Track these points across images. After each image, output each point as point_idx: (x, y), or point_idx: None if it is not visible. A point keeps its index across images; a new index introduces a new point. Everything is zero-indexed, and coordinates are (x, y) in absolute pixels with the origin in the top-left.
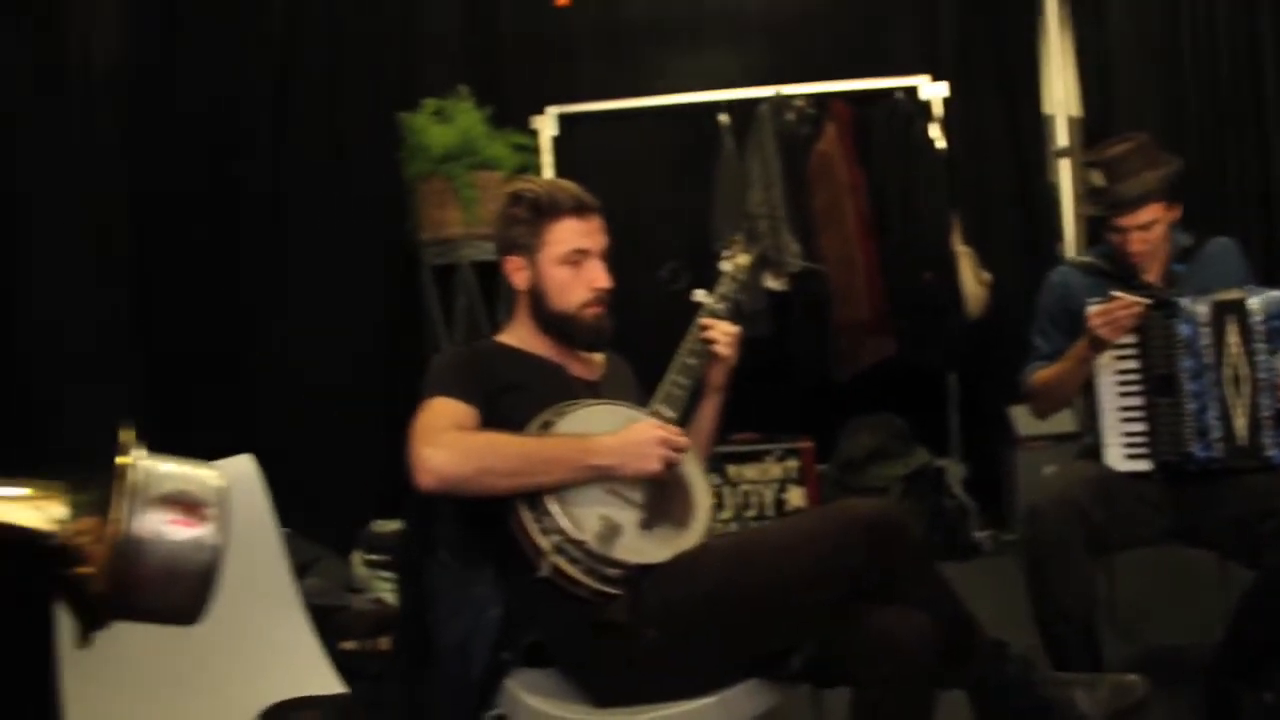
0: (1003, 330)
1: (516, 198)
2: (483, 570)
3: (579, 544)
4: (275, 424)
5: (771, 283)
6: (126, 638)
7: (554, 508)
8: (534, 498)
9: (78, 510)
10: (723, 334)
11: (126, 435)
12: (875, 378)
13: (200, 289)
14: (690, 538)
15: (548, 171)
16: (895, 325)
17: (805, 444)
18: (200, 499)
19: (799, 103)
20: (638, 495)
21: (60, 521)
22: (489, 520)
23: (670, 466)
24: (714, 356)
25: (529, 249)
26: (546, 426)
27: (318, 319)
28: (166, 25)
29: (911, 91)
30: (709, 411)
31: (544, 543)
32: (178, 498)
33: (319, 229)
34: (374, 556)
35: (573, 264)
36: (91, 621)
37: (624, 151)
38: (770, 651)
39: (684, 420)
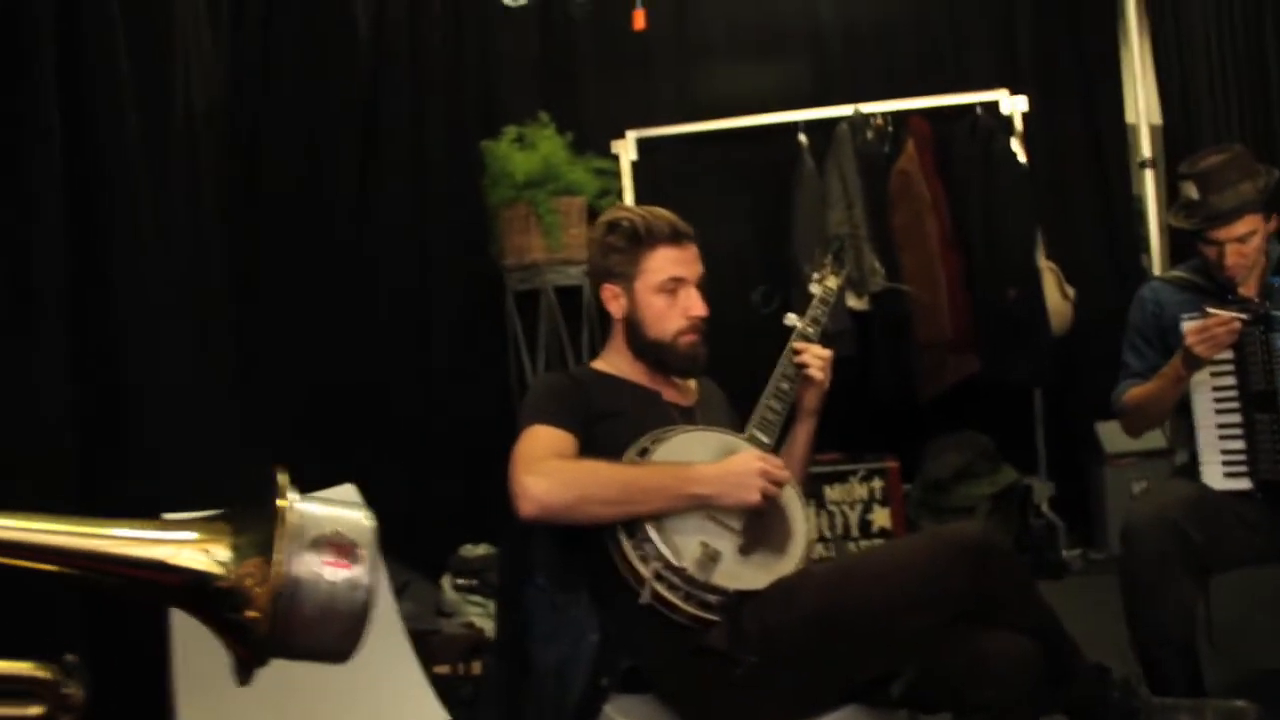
0: (1088, 346)
1: (613, 226)
2: (579, 595)
3: (679, 571)
4: (365, 450)
5: (853, 302)
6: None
7: (654, 535)
8: (633, 525)
9: (239, 553)
10: (815, 357)
11: (282, 478)
12: (960, 396)
13: (293, 319)
14: (789, 564)
15: (628, 196)
16: (979, 343)
17: (890, 464)
18: (353, 540)
19: (878, 121)
20: (736, 522)
21: (225, 564)
22: (586, 545)
23: (769, 498)
24: (807, 380)
25: (625, 277)
26: (644, 453)
27: (405, 346)
28: (260, 59)
29: (991, 106)
30: (803, 435)
31: (644, 569)
32: (332, 539)
33: (405, 256)
34: (463, 580)
35: (669, 292)
36: (252, 661)
37: (703, 173)
38: (870, 677)
39: (778, 444)
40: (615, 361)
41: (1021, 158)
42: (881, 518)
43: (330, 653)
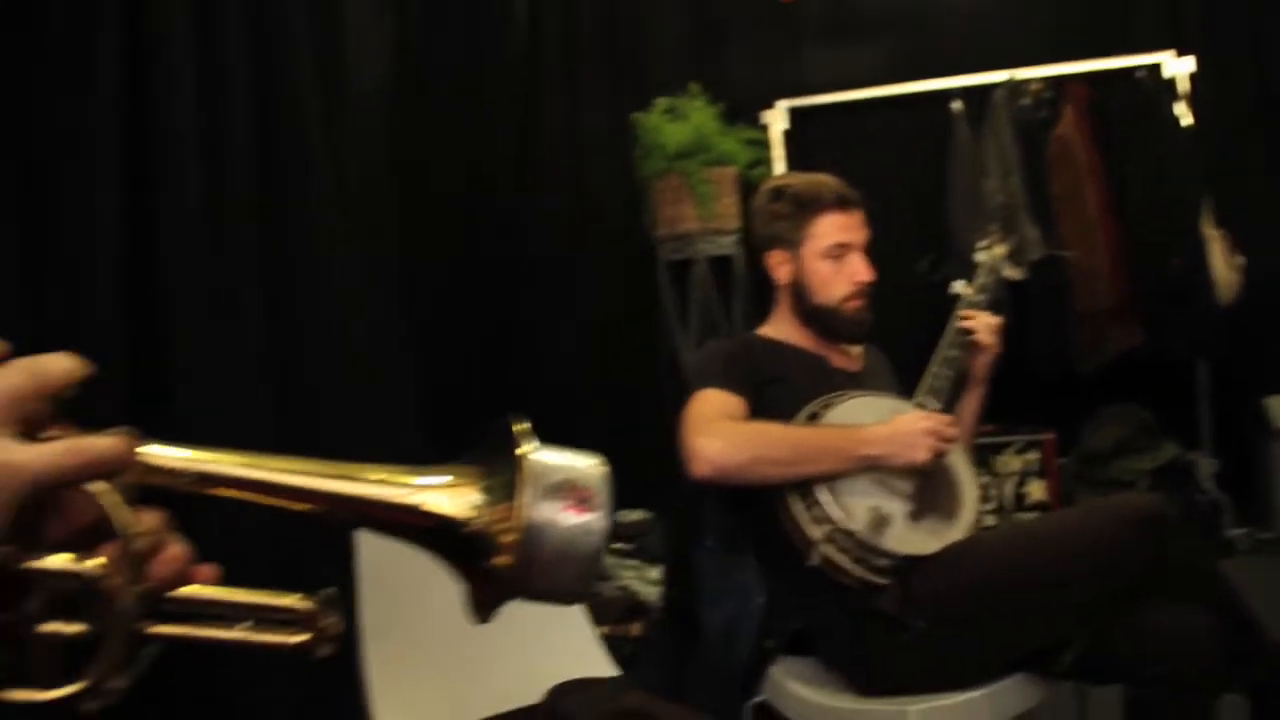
0: (1258, 316)
1: (778, 192)
2: (746, 557)
3: (849, 534)
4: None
5: (1010, 271)
6: (421, 622)
7: (825, 497)
8: (804, 487)
9: (488, 498)
10: (984, 325)
11: (521, 426)
12: (1120, 368)
13: (454, 288)
14: (958, 530)
15: (779, 166)
16: (1141, 313)
17: (1047, 436)
18: (587, 486)
19: (1035, 86)
20: (906, 486)
21: (474, 509)
22: (754, 508)
23: (939, 456)
24: (976, 347)
25: (792, 243)
26: (813, 418)
27: (559, 316)
28: (422, 31)
29: (1154, 69)
30: (971, 404)
31: (814, 532)
32: (569, 485)
33: (559, 226)
34: (619, 545)
35: (835, 258)
36: (492, 602)
37: (855, 143)
38: (1040, 646)
39: (947, 412)
40: (782, 328)
41: (1186, 121)
42: (1037, 490)
43: (565, 594)
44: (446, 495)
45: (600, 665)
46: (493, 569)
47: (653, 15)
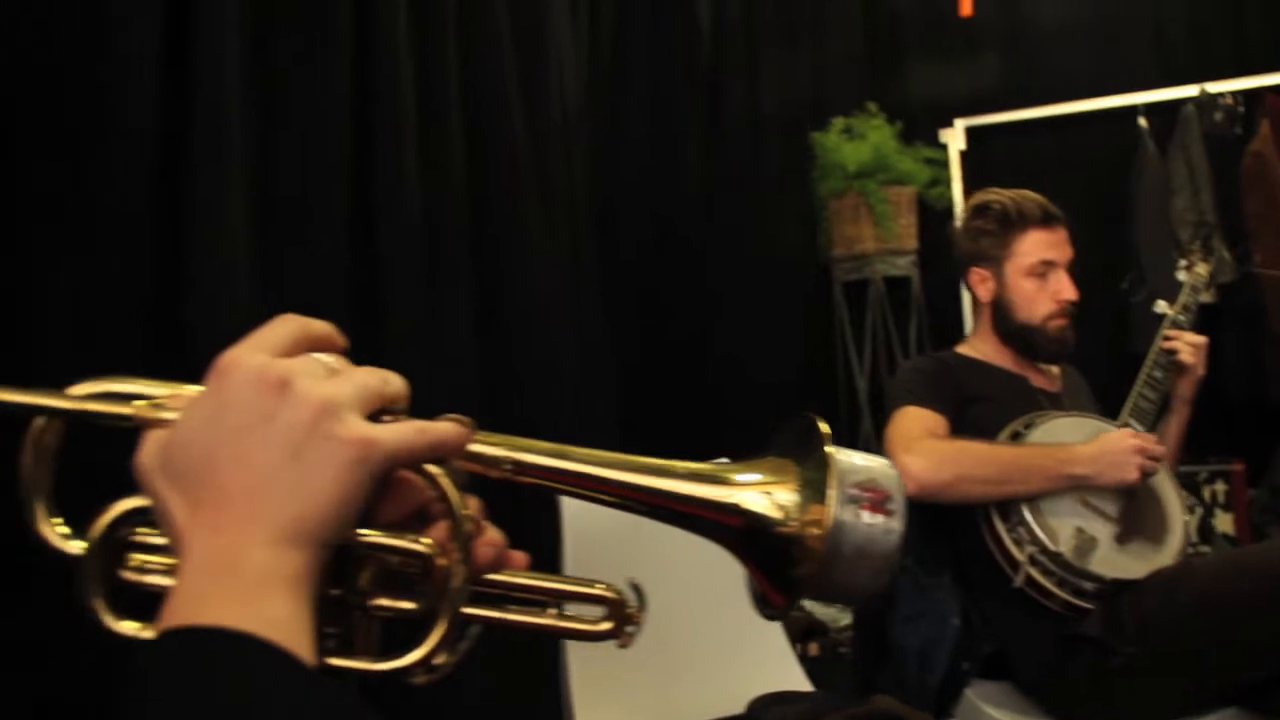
0: None
1: (982, 209)
2: (943, 577)
3: (1055, 556)
4: (696, 435)
5: (1204, 294)
6: None
7: (1029, 518)
8: (1007, 507)
9: (801, 498)
10: (1188, 345)
11: (824, 426)
12: None
13: (638, 304)
14: (1166, 555)
15: (956, 185)
16: None
17: (1236, 466)
18: (886, 487)
19: (1227, 100)
20: (1112, 508)
21: (785, 509)
22: (953, 527)
23: (1146, 476)
24: (1181, 368)
25: (995, 260)
26: (1015, 437)
27: (734, 335)
28: (612, 57)
29: None
30: (1175, 425)
31: (1018, 553)
32: (869, 485)
33: (739, 246)
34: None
35: (1039, 275)
36: (789, 601)
37: (1036, 161)
38: (1258, 680)
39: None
40: (981, 346)
41: None
42: (1224, 523)
43: (860, 593)
44: (761, 493)
45: (797, 680)
46: (794, 567)
47: (830, 34)
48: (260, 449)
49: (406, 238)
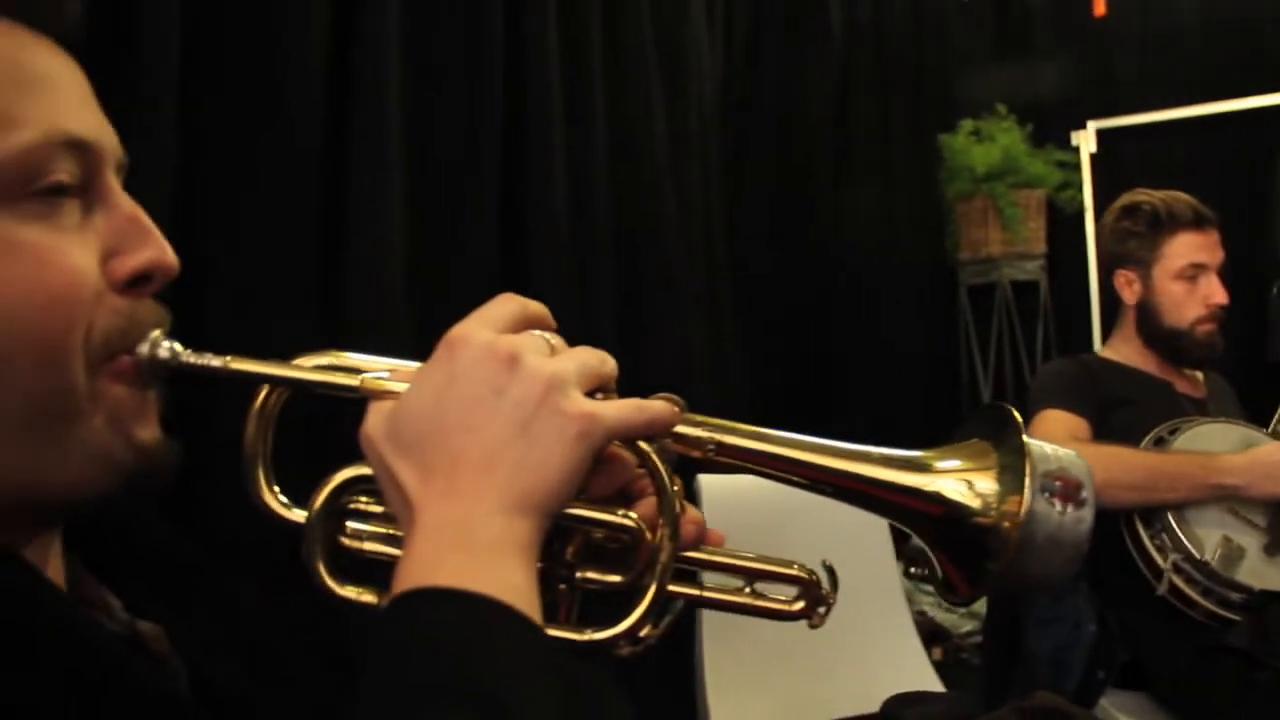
0: None
1: (1131, 210)
2: (1079, 583)
3: (1201, 564)
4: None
5: None
6: (759, 628)
7: (1174, 525)
8: (1151, 513)
9: (1001, 488)
10: None
11: (1017, 415)
12: None
13: (776, 307)
14: None
15: (1088, 189)
16: None
17: None
18: (1077, 477)
19: None
20: (1260, 519)
21: (984, 497)
22: (1093, 533)
23: None
24: None
25: (1143, 263)
26: (1160, 443)
27: (860, 336)
28: (746, 63)
29: None
30: None
31: (1161, 561)
32: (1061, 474)
33: (867, 249)
34: (915, 570)
35: (1189, 279)
36: (977, 589)
37: (1170, 165)
38: None
39: None
40: (1123, 350)
41: None
42: None
43: (1050, 583)
44: (960, 481)
45: (929, 681)
46: (986, 557)
47: (959, 34)
48: (492, 420)
49: (554, 236)
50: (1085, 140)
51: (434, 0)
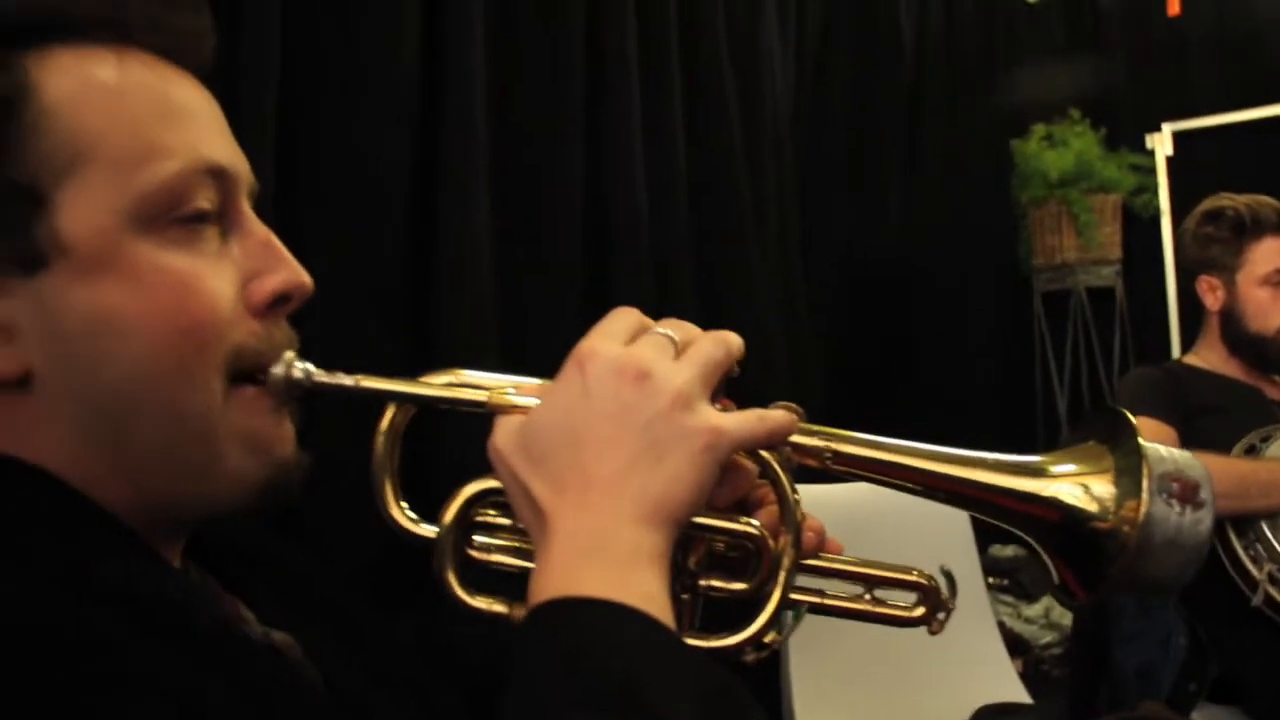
0: None
1: (1214, 215)
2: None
3: None
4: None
5: None
6: (846, 638)
7: (1269, 534)
8: (1243, 523)
9: (1119, 492)
10: None
11: (1133, 418)
12: None
13: (850, 314)
14: None
15: (1163, 193)
16: None
17: None
18: (1194, 479)
19: None
20: None
21: (1101, 501)
22: None
23: None
24: None
25: (1227, 269)
26: (1251, 451)
27: (934, 344)
28: (816, 65)
29: None
30: None
31: (1255, 571)
32: (1178, 475)
33: (937, 254)
34: (993, 580)
35: (1274, 285)
36: (1095, 592)
37: (1249, 168)
38: None
39: None
40: (1208, 356)
41: None
42: None
43: (1168, 586)
44: (1077, 485)
45: (1016, 692)
46: (1103, 560)
47: (1029, 36)
48: (623, 434)
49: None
50: (1160, 143)
51: (515, 15)
